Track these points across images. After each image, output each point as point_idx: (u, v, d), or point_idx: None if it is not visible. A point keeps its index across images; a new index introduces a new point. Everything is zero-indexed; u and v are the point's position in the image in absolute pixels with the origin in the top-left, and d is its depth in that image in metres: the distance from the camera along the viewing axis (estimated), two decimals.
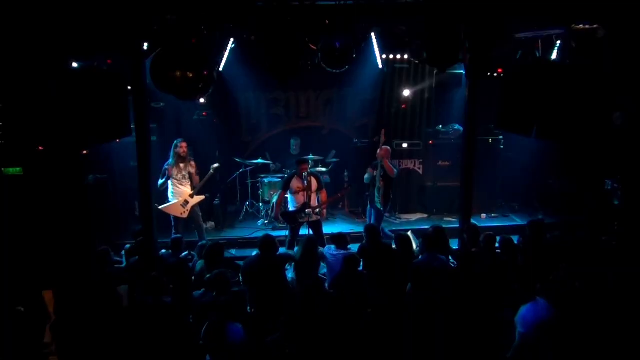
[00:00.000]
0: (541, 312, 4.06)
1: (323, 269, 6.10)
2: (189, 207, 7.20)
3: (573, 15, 5.59)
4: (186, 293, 5.08)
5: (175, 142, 7.16)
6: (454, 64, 5.93)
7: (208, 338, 4.22)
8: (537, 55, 6.67)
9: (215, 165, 7.40)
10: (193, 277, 5.56)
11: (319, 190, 7.08)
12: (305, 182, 6.93)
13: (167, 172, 7.12)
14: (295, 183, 7.02)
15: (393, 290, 5.18)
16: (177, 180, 7.13)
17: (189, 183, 7.21)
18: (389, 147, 7.48)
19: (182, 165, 7.15)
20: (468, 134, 6.59)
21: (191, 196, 7.20)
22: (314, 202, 7.00)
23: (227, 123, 9.23)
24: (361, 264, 5.44)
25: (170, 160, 7.14)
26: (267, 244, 5.32)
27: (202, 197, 7.40)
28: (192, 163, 7.27)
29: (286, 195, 7.22)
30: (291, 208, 7.14)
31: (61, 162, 4.91)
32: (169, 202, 7.18)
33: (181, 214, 7.18)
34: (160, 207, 6.99)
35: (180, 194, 7.17)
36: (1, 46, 4.36)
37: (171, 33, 5.27)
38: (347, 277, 5.12)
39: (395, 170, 7.37)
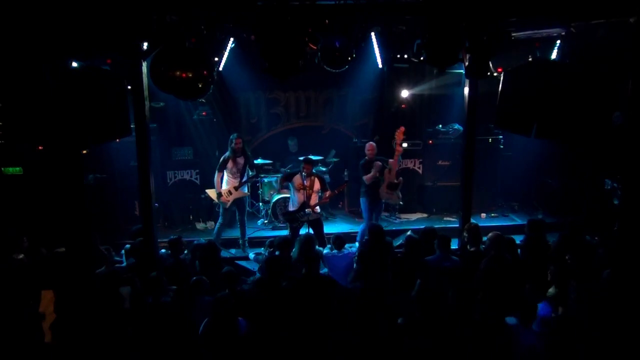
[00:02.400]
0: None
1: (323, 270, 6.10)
2: (231, 197, 7.56)
3: (573, 15, 5.60)
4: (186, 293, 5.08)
5: (231, 137, 7.59)
6: (454, 63, 5.92)
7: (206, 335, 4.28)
8: (537, 54, 6.68)
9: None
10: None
11: (322, 191, 7.13)
12: (305, 181, 6.97)
13: (225, 164, 7.53)
14: (297, 180, 7.06)
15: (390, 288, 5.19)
16: (231, 174, 7.58)
17: (240, 177, 7.61)
18: None
19: (237, 159, 7.54)
20: (468, 133, 6.60)
21: (235, 188, 7.56)
22: (314, 201, 7.02)
23: (227, 123, 9.23)
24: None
25: (227, 153, 7.54)
26: (286, 243, 5.69)
27: (244, 193, 7.81)
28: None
29: (288, 194, 7.23)
30: (292, 207, 7.16)
31: (61, 162, 4.90)
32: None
33: (224, 200, 7.58)
34: (207, 190, 7.87)
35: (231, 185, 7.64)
36: (1, 46, 4.36)
37: (171, 33, 5.27)
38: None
39: None
